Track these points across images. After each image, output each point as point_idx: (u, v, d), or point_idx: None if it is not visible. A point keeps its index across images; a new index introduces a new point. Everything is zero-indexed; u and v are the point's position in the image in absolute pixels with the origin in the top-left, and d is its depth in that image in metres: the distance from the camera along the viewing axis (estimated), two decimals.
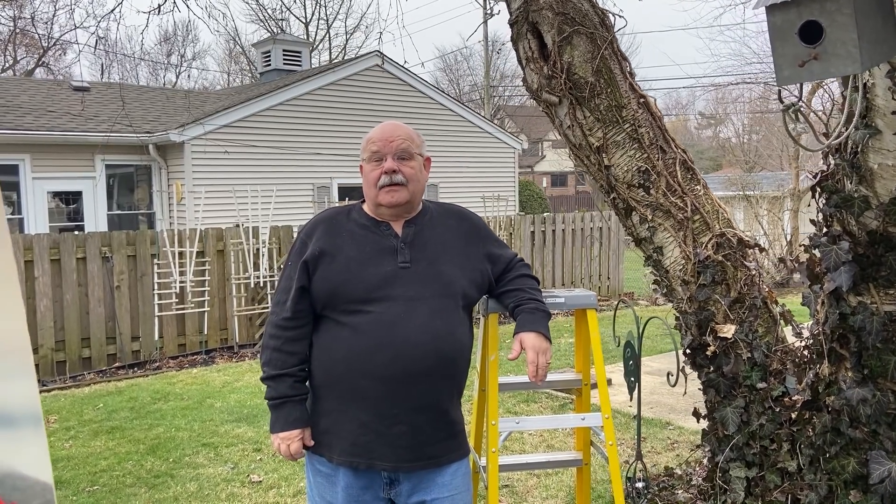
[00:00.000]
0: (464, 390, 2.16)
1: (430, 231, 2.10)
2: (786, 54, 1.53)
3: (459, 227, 2.16)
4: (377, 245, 2.04)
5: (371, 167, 2.08)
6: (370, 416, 1.97)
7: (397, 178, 2.03)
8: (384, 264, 2.01)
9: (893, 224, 2.10)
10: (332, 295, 2.00)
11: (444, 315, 2.00)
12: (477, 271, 2.13)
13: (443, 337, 1.98)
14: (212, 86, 34.31)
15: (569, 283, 11.55)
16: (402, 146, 2.05)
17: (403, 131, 2.09)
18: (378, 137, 2.08)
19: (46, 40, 25.92)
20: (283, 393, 2.04)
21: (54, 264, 7.32)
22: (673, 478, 3.80)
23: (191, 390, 6.45)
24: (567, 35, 3.24)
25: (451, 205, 2.29)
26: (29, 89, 13.64)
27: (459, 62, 39.82)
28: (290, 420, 2.04)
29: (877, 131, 1.95)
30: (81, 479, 4.32)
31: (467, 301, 2.09)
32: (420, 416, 1.98)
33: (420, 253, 2.04)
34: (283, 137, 12.55)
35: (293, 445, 2.05)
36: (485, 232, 2.23)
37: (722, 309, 3.09)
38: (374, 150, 2.07)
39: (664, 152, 3.24)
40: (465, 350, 2.07)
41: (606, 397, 2.61)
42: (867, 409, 2.43)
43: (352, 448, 1.99)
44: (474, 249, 2.14)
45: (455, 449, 2.07)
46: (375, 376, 1.94)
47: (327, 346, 2.02)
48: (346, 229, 2.08)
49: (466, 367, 2.10)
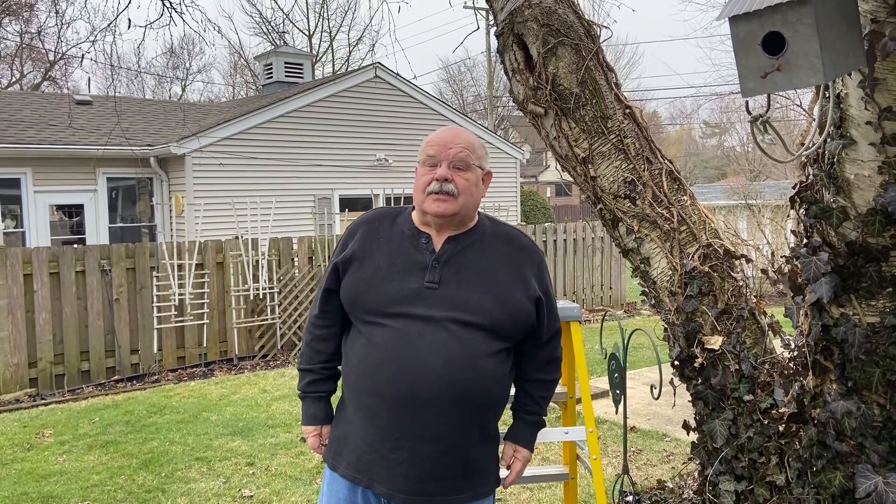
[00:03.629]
0: (493, 424, 1.94)
1: (473, 252, 1.93)
2: (749, 66, 1.51)
3: (510, 256, 1.96)
4: (409, 259, 1.91)
5: (424, 171, 1.93)
6: (376, 435, 1.86)
7: (448, 188, 1.87)
8: (411, 280, 1.88)
9: (872, 235, 2.07)
10: (352, 302, 1.94)
11: (465, 343, 1.82)
12: (516, 307, 1.90)
13: (460, 364, 1.80)
14: (217, 98, 34.53)
15: (571, 293, 11.51)
16: (461, 155, 1.90)
17: (465, 139, 1.94)
18: (437, 141, 1.93)
19: (53, 55, 26.13)
20: (304, 388, 2.08)
21: (53, 277, 7.34)
22: (665, 491, 3.76)
23: (187, 403, 6.43)
24: (552, 46, 3.23)
25: (513, 228, 2.09)
26: (31, 103, 13.75)
27: (463, 73, 39.97)
28: (308, 415, 2.08)
29: (851, 141, 1.93)
30: (73, 493, 4.31)
31: (501, 333, 1.87)
32: (425, 447, 1.82)
33: (453, 275, 1.89)
34: (284, 149, 12.59)
35: (309, 439, 2.08)
36: (541, 270, 2.00)
37: (709, 320, 3.06)
38: (430, 154, 1.91)
39: (650, 163, 3.23)
40: (491, 381, 1.86)
41: (590, 411, 2.59)
42: (852, 421, 2.39)
43: (356, 464, 1.91)
44: (520, 286, 1.93)
45: (468, 489, 1.89)
46: (379, 393, 1.84)
47: (348, 353, 1.98)
48: (384, 235, 1.97)
49: (492, 402, 1.90)
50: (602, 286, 11.98)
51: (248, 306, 8.58)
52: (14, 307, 7.07)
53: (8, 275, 7.04)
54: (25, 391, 7.05)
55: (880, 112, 1.81)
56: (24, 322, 7.14)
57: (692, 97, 52.93)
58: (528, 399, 2.06)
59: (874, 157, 1.93)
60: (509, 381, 1.96)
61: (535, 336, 1.98)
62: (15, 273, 7.08)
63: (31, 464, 4.87)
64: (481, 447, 1.91)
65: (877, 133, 1.86)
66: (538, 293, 1.95)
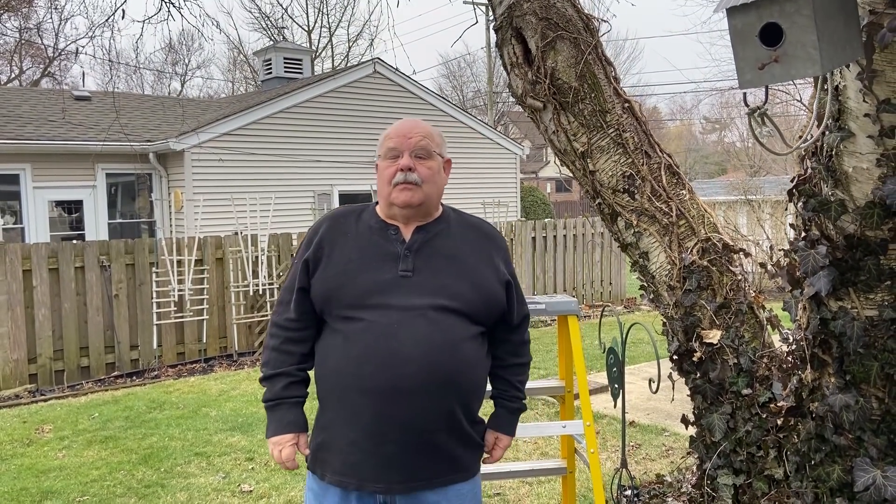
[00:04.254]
0: (478, 408, 1.97)
1: (442, 240, 1.95)
2: (747, 57, 1.51)
3: (479, 244, 1.99)
4: (380, 249, 1.91)
5: (386, 164, 1.94)
6: (359, 433, 1.83)
7: (412, 178, 1.89)
8: (384, 271, 1.87)
9: (870, 228, 2.07)
10: (326, 299, 1.89)
11: (446, 328, 1.84)
12: (489, 291, 1.94)
13: (441, 351, 1.81)
14: (216, 94, 34.50)
15: (570, 288, 11.51)
16: (421, 143, 1.92)
17: (423, 128, 1.96)
18: (396, 133, 1.95)
19: (52, 51, 26.09)
20: (277, 394, 1.94)
21: (52, 273, 7.34)
22: (664, 485, 3.76)
23: (187, 399, 6.44)
24: (551, 40, 3.22)
25: (477, 218, 2.12)
26: (30, 99, 13.72)
27: (463, 69, 39.92)
28: (284, 423, 1.93)
29: (850, 134, 1.93)
30: (72, 489, 4.31)
31: (476, 317, 1.90)
32: (414, 437, 1.82)
33: (425, 262, 1.90)
34: (283, 145, 12.57)
35: (285, 451, 1.92)
36: (507, 256, 2.04)
37: (708, 314, 3.06)
38: (391, 147, 1.93)
39: (649, 157, 3.22)
40: (471, 366, 1.88)
41: (588, 405, 2.59)
42: (850, 415, 2.39)
43: (342, 468, 1.86)
44: (491, 270, 1.96)
45: (460, 469, 1.91)
46: (363, 389, 1.81)
47: (323, 354, 1.92)
48: (351, 230, 1.97)
49: (475, 386, 1.92)
50: (602, 282, 11.97)
51: (247, 302, 8.58)
52: (13, 303, 7.06)
53: (7, 271, 7.03)
54: (25, 387, 7.05)
55: (878, 104, 1.80)
56: (23, 318, 7.14)
57: (692, 92, 52.89)
58: (508, 385, 2.08)
59: (872, 149, 1.92)
60: (488, 365, 2.00)
61: (506, 320, 2.02)
62: (14, 269, 7.07)
63: (31, 459, 4.87)
64: (468, 430, 1.92)
65: (875, 125, 1.85)
66: (507, 277, 1.99)
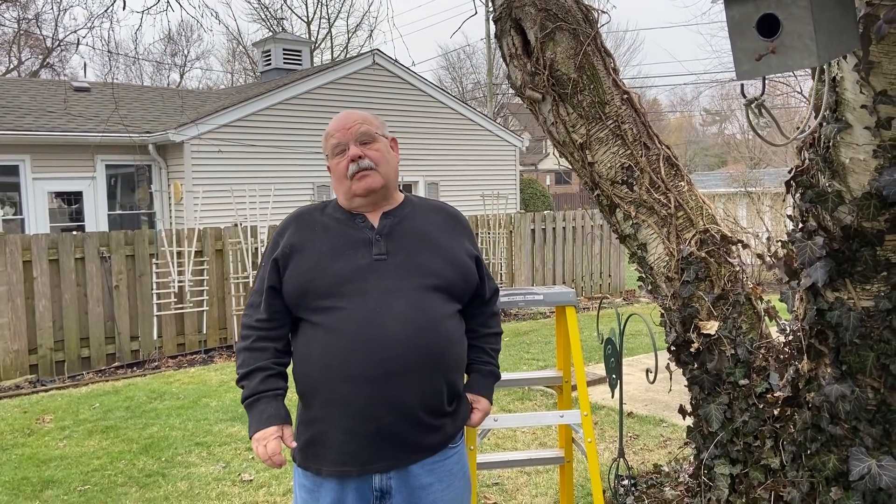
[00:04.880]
0: (462, 383, 2.03)
1: (410, 222, 1.99)
2: (744, 48, 1.51)
3: (445, 223, 2.04)
4: (350, 237, 1.93)
5: (336, 161, 1.97)
6: (354, 421, 1.84)
7: (365, 164, 1.93)
8: (357, 257, 1.89)
9: (867, 219, 2.08)
10: (302, 292, 1.89)
11: (427, 307, 1.87)
12: (464, 266, 1.99)
13: (425, 330, 1.85)
14: (215, 85, 34.42)
15: (570, 280, 11.53)
16: (362, 129, 1.96)
17: (358, 116, 2.00)
18: (335, 129, 1.98)
19: (51, 42, 26.01)
20: (254, 389, 1.92)
21: (53, 264, 7.35)
22: (661, 475, 3.79)
23: (187, 389, 6.46)
24: (550, 31, 3.23)
25: (437, 201, 2.18)
26: (29, 90, 13.70)
27: (462, 60, 39.83)
28: (265, 417, 1.89)
29: (847, 125, 1.94)
30: (73, 478, 4.34)
31: (454, 293, 1.95)
32: (407, 415, 1.85)
33: (398, 244, 1.93)
34: (283, 136, 12.56)
35: (270, 445, 1.87)
36: (471, 234, 2.10)
37: (706, 305, 3.08)
38: (335, 144, 1.97)
39: (648, 148, 3.23)
40: (454, 343, 1.93)
41: (585, 395, 2.61)
42: (846, 405, 2.41)
43: (340, 458, 1.86)
44: (459, 246, 2.01)
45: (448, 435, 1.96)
46: (354, 378, 1.81)
47: (304, 351, 1.92)
48: (319, 223, 1.98)
49: (459, 360, 1.98)
50: (601, 274, 11.99)
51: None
52: (14, 294, 7.08)
53: (7, 262, 7.05)
54: (26, 377, 7.08)
55: (875, 96, 1.81)
56: (23, 309, 7.15)
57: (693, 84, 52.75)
58: (481, 352, 2.12)
59: (869, 140, 1.93)
60: (466, 341, 2.04)
61: (479, 294, 2.08)
62: (14, 260, 7.09)
63: (32, 449, 4.90)
64: (452, 401, 1.97)
65: (872, 117, 1.86)
66: (475, 253, 2.06)
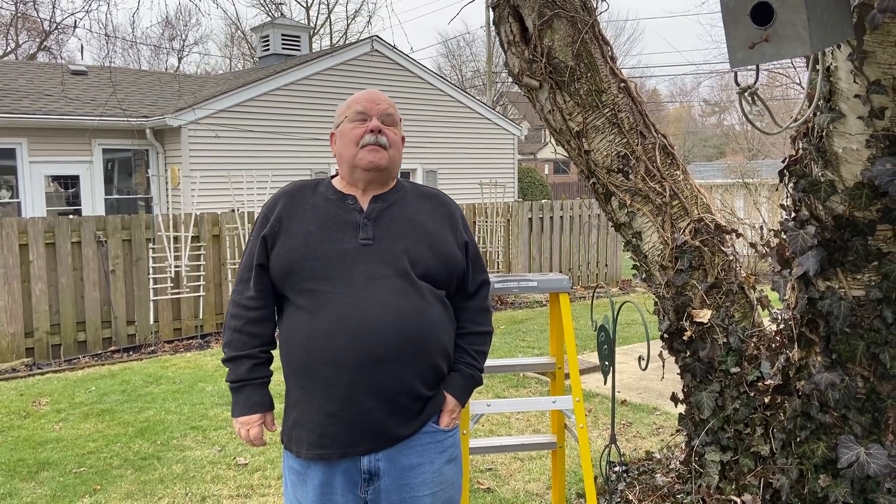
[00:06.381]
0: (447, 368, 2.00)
1: (399, 209, 1.99)
2: (738, 36, 1.52)
3: (435, 211, 2.03)
4: (339, 220, 1.94)
5: (353, 126, 1.96)
6: (336, 404, 1.85)
7: (382, 140, 1.94)
8: (344, 241, 1.90)
9: (859, 209, 2.09)
10: (288, 272, 1.90)
11: (410, 294, 1.87)
12: (450, 255, 1.98)
13: (409, 317, 1.85)
14: (214, 70, 34.27)
15: (566, 269, 11.55)
16: (389, 111, 2.00)
17: (388, 100, 2.03)
18: (364, 98, 1.99)
19: (49, 24, 25.85)
20: (241, 376, 1.96)
21: (49, 248, 7.34)
22: (653, 461, 3.82)
23: (183, 374, 6.48)
24: (548, 18, 3.22)
25: (430, 187, 2.16)
26: (26, 73, 13.63)
27: (462, 48, 39.69)
28: (250, 404, 1.96)
29: (840, 115, 1.95)
30: (69, 460, 4.36)
31: (439, 281, 1.95)
32: (391, 400, 1.86)
33: (385, 230, 1.93)
34: (281, 122, 12.53)
35: (252, 430, 1.96)
36: (463, 222, 2.08)
37: (699, 294, 3.10)
38: (360, 110, 1.97)
39: (644, 137, 3.24)
40: (437, 329, 1.92)
41: (577, 381, 2.63)
42: (836, 393, 2.43)
43: (320, 440, 1.87)
44: (448, 235, 2.00)
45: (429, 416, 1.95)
46: (337, 362, 1.83)
47: (288, 333, 1.93)
48: (308, 202, 1.98)
49: (443, 347, 1.96)
50: (598, 263, 12.01)
51: None
52: (10, 277, 7.08)
53: (3, 245, 7.04)
54: (22, 360, 7.09)
55: (869, 85, 1.82)
56: (20, 292, 7.16)
57: (692, 74, 52.65)
58: (463, 353, 2.05)
59: (862, 130, 1.94)
60: (453, 328, 2.01)
61: (463, 286, 2.04)
62: (10, 243, 7.08)
63: (28, 431, 4.92)
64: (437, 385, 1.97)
65: (865, 106, 1.87)
66: (465, 238, 2.04)
